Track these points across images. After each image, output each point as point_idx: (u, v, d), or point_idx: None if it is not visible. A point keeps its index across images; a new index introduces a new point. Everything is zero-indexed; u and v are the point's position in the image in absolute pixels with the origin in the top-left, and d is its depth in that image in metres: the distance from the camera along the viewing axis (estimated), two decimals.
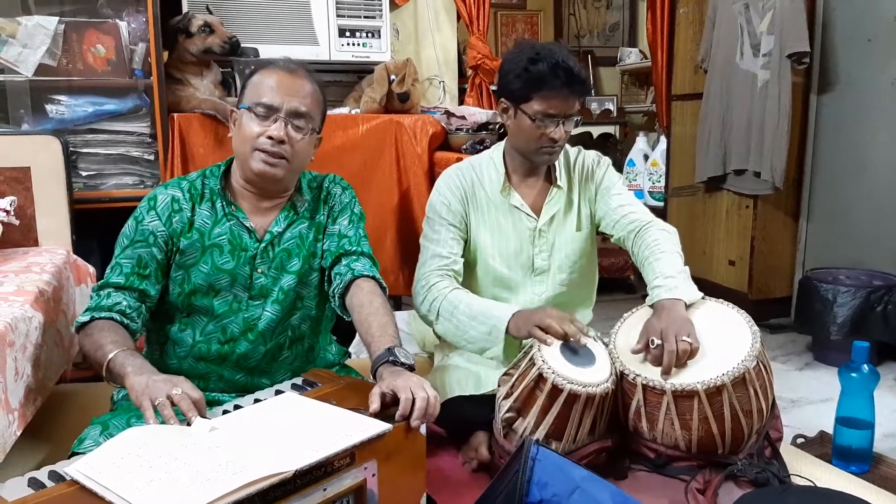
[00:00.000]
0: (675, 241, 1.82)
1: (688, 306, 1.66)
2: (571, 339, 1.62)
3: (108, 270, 1.52)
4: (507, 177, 1.93)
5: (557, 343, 1.63)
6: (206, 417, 1.23)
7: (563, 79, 1.74)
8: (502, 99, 1.86)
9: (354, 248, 1.61)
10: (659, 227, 1.85)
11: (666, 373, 1.55)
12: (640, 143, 4.59)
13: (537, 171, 1.95)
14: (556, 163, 1.93)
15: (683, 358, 1.55)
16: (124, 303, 1.47)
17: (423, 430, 1.27)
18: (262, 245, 1.56)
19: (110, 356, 1.33)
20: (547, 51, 1.77)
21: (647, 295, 1.74)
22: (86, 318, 1.44)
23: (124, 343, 1.38)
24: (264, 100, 1.49)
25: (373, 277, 1.57)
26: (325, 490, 1.11)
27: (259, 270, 1.56)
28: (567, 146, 1.95)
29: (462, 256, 1.91)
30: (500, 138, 2.67)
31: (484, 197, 1.93)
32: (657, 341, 1.58)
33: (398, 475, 1.24)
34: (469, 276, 1.94)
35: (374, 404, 1.25)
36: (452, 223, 1.89)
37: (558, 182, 1.93)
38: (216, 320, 1.55)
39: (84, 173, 2.42)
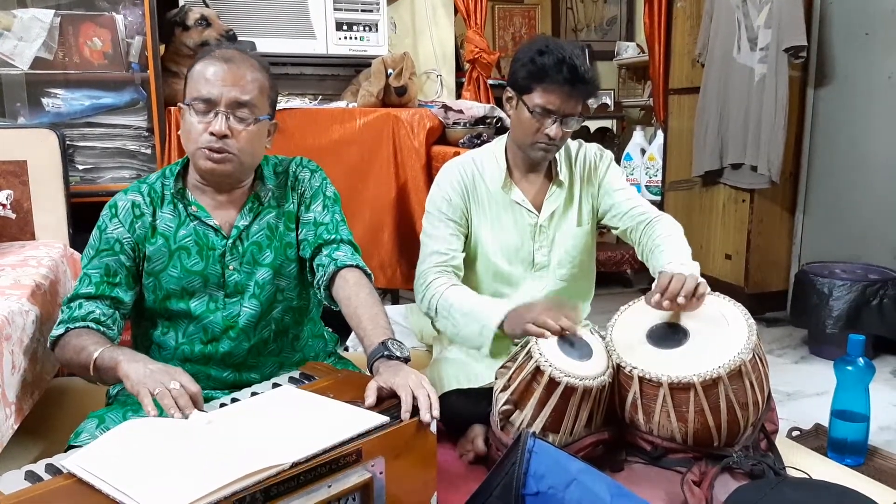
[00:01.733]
0: (682, 234, 1.85)
1: None
2: (567, 333, 1.62)
3: (76, 283, 1.49)
4: (508, 172, 1.92)
5: (554, 336, 1.63)
6: (203, 411, 1.23)
7: (566, 75, 1.73)
8: (508, 87, 1.86)
9: (333, 236, 1.57)
10: (668, 221, 1.87)
11: (671, 298, 1.57)
12: (637, 137, 4.59)
13: (539, 167, 1.94)
14: (558, 157, 1.93)
15: (692, 289, 1.57)
16: (98, 311, 1.44)
17: (433, 427, 1.26)
18: (230, 241, 1.53)
19: (97, 353, 1.32)
20: (557, 46, 1.76)
21: (645, 289, 1.75)
22: (60, 331, 1.41)
23: (107, 343, 1.37)
24: (203, 93, 1.43)
25: (357, 266, 1.53)
26: (329, 487, 1.10)
27: (231, 267, 1.53)
28: (568, 140, 1.94)
29: (463, 251, 1.90)
30: (498, 132, 2.66)
31: (485, 192, 1.92)
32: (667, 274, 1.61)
33: (407, 473, 1.22)
34: (469, 272, 1.94)
35: (370, 398, 1.25)
36: (452, 218, 1.89)
37: (560, 177, 1.92)
38: (195, 321, 1.53)
39: (81, 167, 2.41)
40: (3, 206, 1.96)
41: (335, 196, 1.64)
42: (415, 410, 1.23)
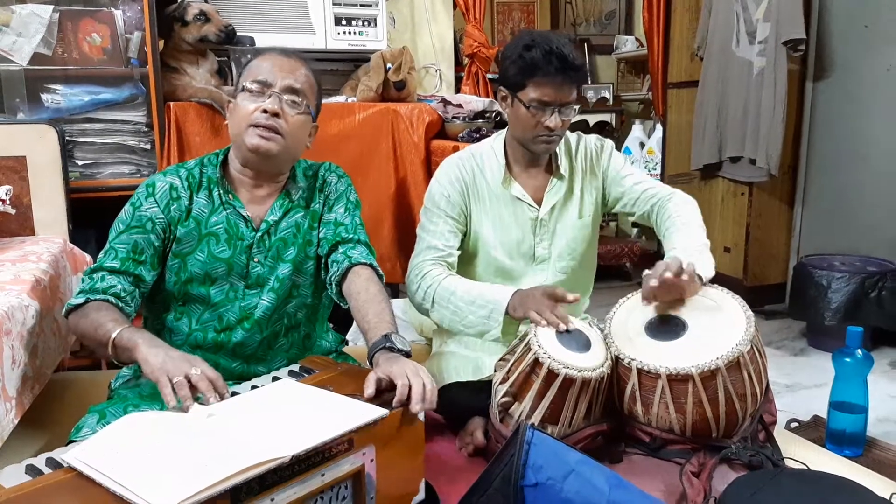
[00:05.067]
0: (695, 211, 1.87)
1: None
2: (561, 327, 1.63)
3: (101, 255, 1.50)
4: (507, 167, 1.92)
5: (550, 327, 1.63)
6: (224, 395, 1.25)
7: (557, 65, 1.73)
8: (501, 87, 1.86)
9: (351, 236, 1.61)
10: (680, 198, 1.89)
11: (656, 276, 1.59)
12: (636, 130, 4.60)
13: (538, 161, 1.93)
14: (558, 150, 1.92)
15: (678, 272, 1.58)
16: (119, 286, 1.45)
17: (421, 416, 1.28)
18: (259, 234, 1.57)
19: (115, 332, 1.33)
20: (542, 38, 1.77)
21: (642, 282, 1.75)
22: (80, 301, 1.42)
23: (126, 322, 1.38)
24: (259, 77, 1.51)
25: (369, 265, 1.57)
26: (322, 475, 1.12)
27: (255, 259, 1.56)
28: (567, 133, 1.95)
29: (462, 248, 1.90)
30: (497, 126, 2.67)
31: (485, 188, 1.92)
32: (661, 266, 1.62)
33: (397, 461, 1.25)
34: (469, 267, 1.94)
35: (369, 389, 1.26)
36: (451, 215, 1.89)
37: (560, 170, 1.92)
38: (212, 309, 1.56)
39: (80, 162, 2.41)
40: (3, 201, 1.96)
41: (357, 202, 1.70)
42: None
